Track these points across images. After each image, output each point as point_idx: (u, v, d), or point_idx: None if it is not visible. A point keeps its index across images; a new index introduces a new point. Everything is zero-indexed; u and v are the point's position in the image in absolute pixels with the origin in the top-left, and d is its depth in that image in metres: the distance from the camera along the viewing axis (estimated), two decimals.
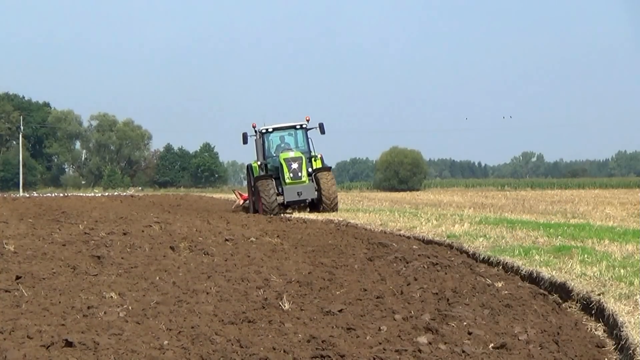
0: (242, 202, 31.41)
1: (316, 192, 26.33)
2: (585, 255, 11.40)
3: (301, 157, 26.47)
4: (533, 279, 10.41)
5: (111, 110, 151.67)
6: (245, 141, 27.37)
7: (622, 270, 9.95)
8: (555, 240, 13.91)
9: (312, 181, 26.64)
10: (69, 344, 6.73)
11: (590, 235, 14.28)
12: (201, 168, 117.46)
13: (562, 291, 9.38)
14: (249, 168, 28.16)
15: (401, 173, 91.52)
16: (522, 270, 10.90)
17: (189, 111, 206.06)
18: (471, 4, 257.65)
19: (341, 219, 21.95)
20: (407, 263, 11.80)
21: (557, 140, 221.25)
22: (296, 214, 25.70)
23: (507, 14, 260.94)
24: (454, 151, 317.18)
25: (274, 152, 27.68)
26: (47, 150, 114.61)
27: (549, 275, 10.07)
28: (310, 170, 26.87)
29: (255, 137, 27.55)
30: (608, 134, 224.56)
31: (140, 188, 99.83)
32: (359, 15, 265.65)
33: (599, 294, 8.58)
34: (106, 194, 70.87)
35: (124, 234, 15.11)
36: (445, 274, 10.73)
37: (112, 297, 8.95)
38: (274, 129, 27.80)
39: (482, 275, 10.67)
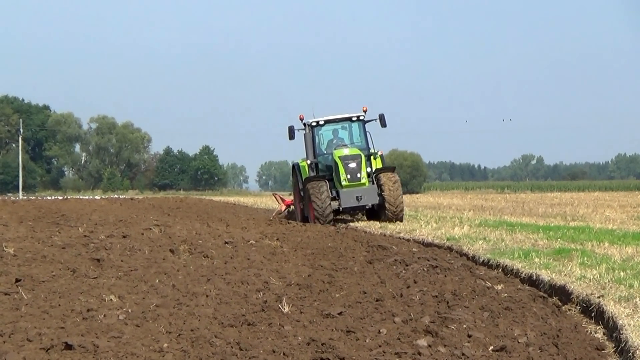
0: (284, 207, 27.70)
1: (378, 197, 22.11)
2: (585, 258, 11.40)
3: (360, 155, 22.37)
4: (533, 282, 10.41)
5: (111, 112, 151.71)
6: (292, 136, 23.43)
7: (621, 273, 9.96)
8: (554, 242, 13.91)
9: (373, 184, 22.50)
10: (68, 346, 6.72)
11: (590, 238, 14.29)
12: (201, 171, 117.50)
13: (562, 294, 9.38)
14: (296, 168, 24.13)
15: (401, 176, 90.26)
16: (521, 273, 10.90)
17: (189, 114, 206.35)
18: (471, 5, 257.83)
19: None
20: (407, 266, 11.80)
21: (557, 143, 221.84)
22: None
23: (507, 16, 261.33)
24: (453, 154, 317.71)
25: (325, 149, 23.80)
26: (46, 153, 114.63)
27: (549, 278, 10.07)
28: (369, 170, 22.85)
29: (304, 132, 23.64)
30: (608, 137, 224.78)
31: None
32: (358, 17, 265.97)
33: (598, 297, 8.58)
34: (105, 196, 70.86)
35: (124, 236, 15.09)
36: (445, 276, 10.73)
37: (111, 299, 8.95)
38: (326, 122, 23.71)
39: (481, 278, 10.68)
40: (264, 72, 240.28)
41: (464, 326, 7.61)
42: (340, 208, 22.28)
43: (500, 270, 11.67)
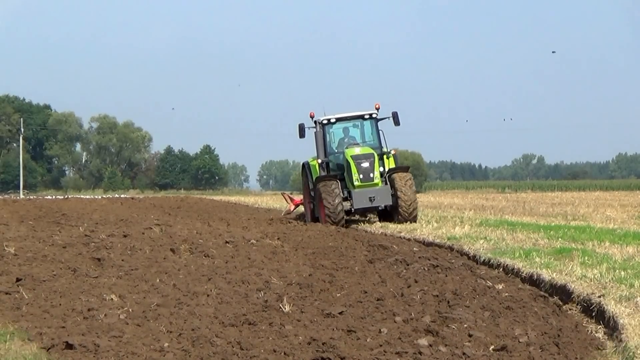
0: (293, 207, 27.25)
1: (391, 198, 21.28)
2: (586, 258, 11.40)
3: (372, 154, 21.51)
4: (533, 281, 10.41)
5: (111, 112, 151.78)
6: (302, 134, 22.68)
7: (622, 273, 9.95)
8: (555, 242, 13.91)
9: (386, 184, 21.62)
10: (69, 346, 6.73)
11: (591, 238, 14.28)
12: (201, 170, 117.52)
13: (563, 293, 9.38)
14: (306, 167, 23.30)
15: None
16: (522, 273, 10.90)
17: (190, 113, 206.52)
18: (471, 5, 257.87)
19: None
20: (408, 265, 11.81)
21: (558, 143, 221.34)
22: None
23: (508, 16, 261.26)
24: (454, 153, 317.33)
25: (336, 148, 22.98)
26: (47, 153, 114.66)
27: (550, 278, 10.08)
28: (382, 170, 21.95)
29: (314, 130, 22.71)
30: (608, 136, 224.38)
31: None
32: (357, 16, 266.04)
33: (599, 296, 8.58)
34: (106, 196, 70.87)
35: (125, 236, 15.10)
36: (446, 276, 10.74)
37: (112, 299, 8.96)
38: (337, 120, 22.77)
39: (482, 278, 10.68)
40: (265, 71, 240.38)
41: (465, 325, 7.61)
42: (353, 209, 21.53)
43: (501, 269, 11.67)
